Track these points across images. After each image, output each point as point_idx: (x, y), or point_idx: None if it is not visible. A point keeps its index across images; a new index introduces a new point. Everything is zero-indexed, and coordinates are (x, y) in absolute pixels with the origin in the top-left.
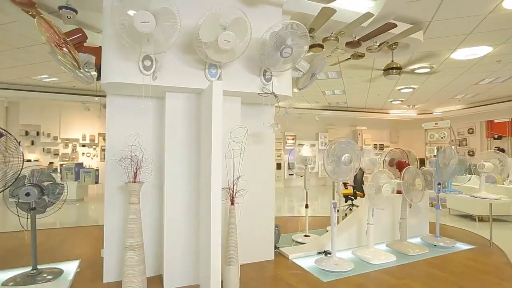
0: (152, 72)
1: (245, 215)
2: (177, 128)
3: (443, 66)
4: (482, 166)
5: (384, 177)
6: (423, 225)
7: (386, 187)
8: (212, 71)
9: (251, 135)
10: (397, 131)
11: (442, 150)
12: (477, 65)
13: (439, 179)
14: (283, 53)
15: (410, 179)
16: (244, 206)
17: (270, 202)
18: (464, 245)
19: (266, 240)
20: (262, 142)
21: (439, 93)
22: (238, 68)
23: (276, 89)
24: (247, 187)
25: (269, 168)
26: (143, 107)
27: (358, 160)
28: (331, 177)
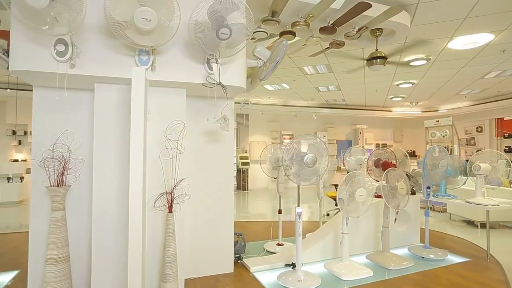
0: (68, 58)
1: (200, 223)
2: (108, 125)
3: (441, 57)
4: (478, 167)
5: (359, 179)
6: (412, 234)
7: (360, 191)
8: (143, 58)
9: (206, 133)
10: (401, 130)
11: (430, 149)
12: (479, 56)
13: (428, 182)
14: (219, 34)
15: (392, 182)
16: (198, 213)
17: (229, 208)
18: (457, 257)
19: (224, 250)
20: (220, 141)
21: (442, 88)
22: (177, 54)
23: (225, 79)
24: (201, 191)
25: (227, 170)
26: (56, 98)
27: (326, 161)
28: (293, 181)
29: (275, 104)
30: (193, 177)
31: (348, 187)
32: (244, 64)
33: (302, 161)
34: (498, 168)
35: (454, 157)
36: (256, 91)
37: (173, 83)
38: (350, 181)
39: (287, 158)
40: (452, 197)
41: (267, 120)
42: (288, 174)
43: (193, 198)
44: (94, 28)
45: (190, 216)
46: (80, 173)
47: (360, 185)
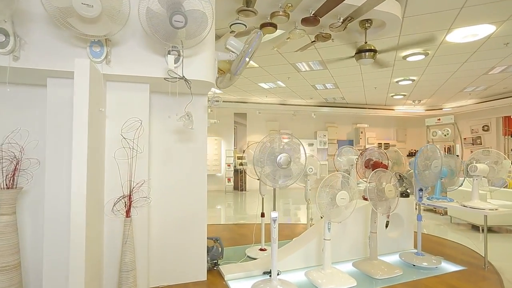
0: (10, 50)
1: (170, 228)
2: (63, 123)
3: (440, 51)
4: (474, 168)
5: (341, 181)
6: (405, 239)
7: (341, 194)
8: (95, 50)
9: (177, 131)
10: (405, 129)
11: (422, 149)
12: (481, 50)
13: (419, 184)
14: (173, 21)
15: (380, 184)
16: (168, 217)
17: (201, 212)
18: (452, 265)
19: (196, 257)
20: (191, 140)
21: (445, 86)
22: (135, 46)
23: (189, 73)
24: (172, 194)
25: (200, 171)
26: (7, 93)
27: (302, 162)
28: (266, 183)
29: (273, 103)
30: (163, 179)
31: (329, 190)
32: (212, 57)
33: (275, 161)
34: (497, 169)
35: (451, 157)
36: (252, 90)
37: (132, 78)
38: (330, 183)
39: (259, 158)
40: (448, 200)
41: (266, 120)
42: (260, 176)
43: (163, 201)
44: (41, 17)
45: (159, 220)
46: (33, 175)
47: (342, 188)
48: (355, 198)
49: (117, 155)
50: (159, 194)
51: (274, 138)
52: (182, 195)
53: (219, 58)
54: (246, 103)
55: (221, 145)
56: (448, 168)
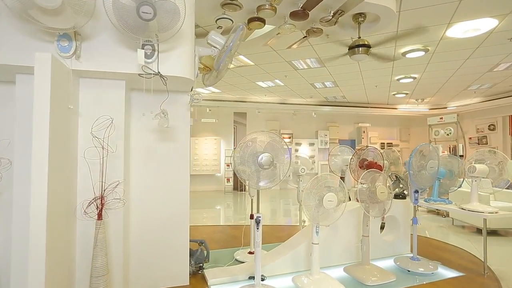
0: None
1: (150, 231)
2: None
3: (441, 47)
4: (473, 169)
5: (329, 182)
6: (402, 242)
7: (329, 196)
8: (63, 45)
9: (158, 130)
10: (408, 129)
11: (417, 148)
12: (484, 46)
13: (415, 185)
14: (140, 13)
15: (372, 185)
16: (148, 219)
17: (183, 213)
18: (450, 271)
19: (178, 261)
20: (173, 139)
21: (448, 84)
22: (107, 40)
23: (165, 69)
24: (152, 195)
25: (182, 171)
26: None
27: (287, 162)
28: (247, 184)
29: (272, 102)
30: (143, 179)
31: (316, 192)
32: (191, 52)
33: (256, 161)
34: (498, 170)
35: (450, 157)
36: (250, 89)
37: (106, 74)
38: (317, 184)
39: (241, 158)
40: (447, 202)
41: (266, 119)
42: (241, 177)
43: (143, 202)
44: (7, 10)
45: (139, 223)
46: (2, 175)
47: (330, 190)
48: (345, 200)
49: (89, 155)
50: (139, 195)
51: (256, 137)
52: (163, 197)
53: (201, 53)
54: (245, 102)
55: (221, 145)
56: (447, 169)
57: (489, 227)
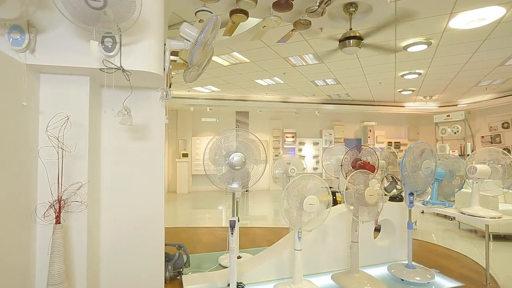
0: None
1: (121, 235)
2: None
3: (445, 40)
4: (473, 169)
5: (310, 184)
6: (398, 248)
7: (309, 200)
8: (15, 37)
9: (131, 128)
10: (417, 127)
11: (411, 147)
12: (492, 37)
13: (409, 187)
14: (89, 0)
15: (360, 187)
16: (118, 223)
17: (158, 217)
18: (448, 280)
19: (152, 266)
20: (147, 138)
21: (456, 79)
22: (65, 33)
23: (129, 63)
24: (123, 197)
25: (156, 172)
26: None
27: (263, 162)
28: (218, 186)
29: (274, 101)
30: (114, 181)
31: (296, 194)
32: (159, 46)
33: (227, 161)
34: (500, 170)
35: (451, 157)
36: (249, 87)
37: (67, 69)
38: (297, 186)
39: (210, 158)
40: (447, 205)
41: (269, 118)
42: (211, 178)
43: (114, 205)
44: None
45: (110, 227)
46: None
47: (311, 192)
48: (329, 204)
49: (47, 155)
50: (111, 197)
51: (228, 135)
52: (136, 199)
53: (172, 47)
54: (246, 101)
55: None
56: (447, 169)
57: (497, 232)
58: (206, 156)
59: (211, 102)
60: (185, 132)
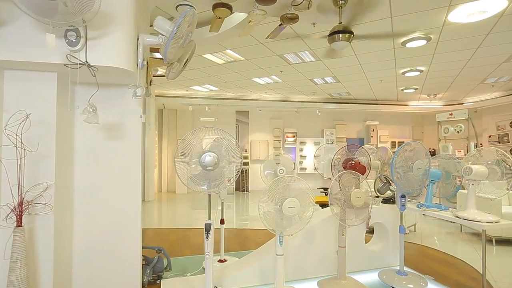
0: None
1: (94, 238)
2: None
3: (445, 35)
4: (469, 170)
5: (290, 186)
6: (391, 253)
7: (289, 202)
8: None
9: (106, 127)
10: (422, 126)
11: (402, 146)
12: (496, 32)
13: (400, 189)
14: None
15: (347, 189)
16: (91, 225)
17: (134, 219)
18: None
19: (128, 271)
20: (123, 137)
21: (460, 77)
22: (26, 27)
23: (96, 59)
24: (97, 199)
25: (132, 172)
26: None
27: (238, 161)
28: (193, 188)
29: (274, 100)
30: (87, 182)
31: (275, 196)
32: (130, 40)
33: (199, 162)
34: (498, 171)
35: (447, 157)
36: (248, 86)
37: (29, 65)
38: (277, 187)
39: (181, 159)
40: (443, 209)
41: (269, 117)
42: (181, 179)
43: (88, 207)
44: None
45: (83, 230)
46: None
47: (292, 194)
48: (310, 206)
49: (6, 155)
50: (84, 199)
51: (200, 134)
52: (111, 200)
53: (146, 42)
54: (246, 100)
55: None
56: (443, 170)
57: (500, 236)
58: (178, 156)
59: (210, 102)
60: (184, 132)
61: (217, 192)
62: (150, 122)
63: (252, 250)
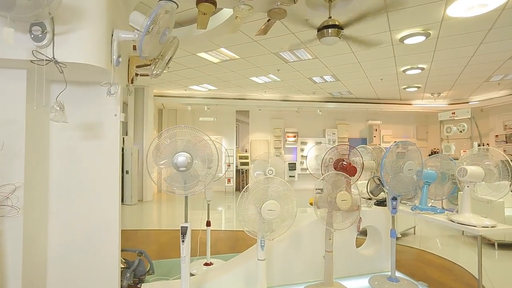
0: None
1: (72, 242)
2: None
3: (445, 31)
4: (464, 172)
5: (274, 186)
6: (383, 257)
7: (269, 205)
8: None
9: (83, 126)
10: (426, 126)
11: (392, 146)
12: (498, 26)
13: (391, 191)
14: None
15: (333, 191)
16: (67, 228)
17: (112, 222)
18: None
19: (105, 275)
20: (100, 136)
21: (464, 75)
22: None
23: (64, 55)
24: (73, 201)
25: (110, 173)
26: None
27: (215, 162)
28: (166, 190)
29: (274, 99)
30: (63, 183)
31: (254, 198)
32: (102, 35)
33: (171, 162)
34: (496, 172)
35: (443, 158)
36: (247, 85)
37: None
38: (257, 189)
39: (152, 159)
40: (439, 211)
41: (270, 117)
42: (154, 180)
43: (64, 208)
44: None
45: (59, 233)
46: None
47: (272, 196)
48: (293, 209)
49: None
50: (59, 201)
51: (173, 133)
52: (88, 202)
53: (121, 38)
54: (246, 99)
55: (222, 144)
56: (439, 171)
57: (503, 240)
58: (150, 158)
59: (210, 101)
60: None
61: (192, 194)
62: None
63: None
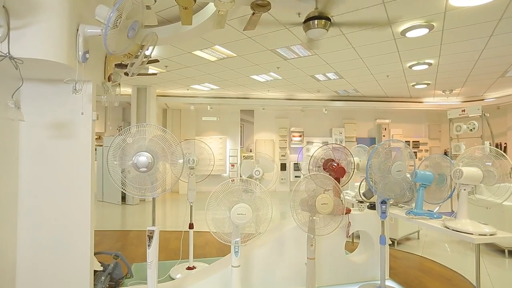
0: None
1: (42, 246)
2: None
3: (450, 22)
4: (459, 173)
5: (246, 188)
6: (375, 265)
7: (238, 208)
8: None
9: (53, 125)
10: (439, 125)
11: (379, 145)
12: (509, 16)
13: (379, 195)
14: None
15: (312, 195)
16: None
17: (84, 223)
18: None
19: (76, 281)
20: (72, 136)
21: (476, 70)
22: None
23: (22, 50)
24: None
25: (82, 174)
26: None
27: (180, 163)
28: (128, 192)
29: (279, 98)
30: (32, 184)
31: (228, 201)
32: (62, 29)
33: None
34: (496, 174)
35: (441, 158)
36: (249, 84)
37: None
38: (225, 191)
39: (113, 159)
40: (435, 216)
41: (275, 116)
42: (114, 181)
43: (35, 210)
44: None
45: (29, 238)
46: None
47: (243, 199)
48: (268, 215)
49: None
50: (28, 202)
51: (133, 131)
52: (58, 203)
53: (87, 33)
54: (249, 98)
55: (226, 144)
56: (436, 173)
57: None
58: (110, 157)
59: (212, 100)
60: (188, 132)
61: (154, 196)
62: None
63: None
